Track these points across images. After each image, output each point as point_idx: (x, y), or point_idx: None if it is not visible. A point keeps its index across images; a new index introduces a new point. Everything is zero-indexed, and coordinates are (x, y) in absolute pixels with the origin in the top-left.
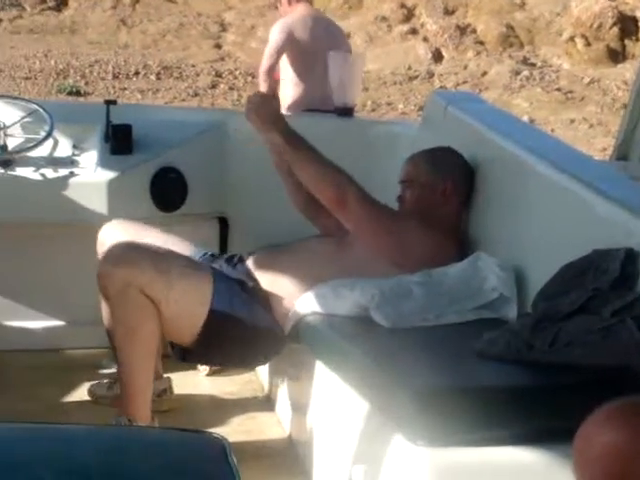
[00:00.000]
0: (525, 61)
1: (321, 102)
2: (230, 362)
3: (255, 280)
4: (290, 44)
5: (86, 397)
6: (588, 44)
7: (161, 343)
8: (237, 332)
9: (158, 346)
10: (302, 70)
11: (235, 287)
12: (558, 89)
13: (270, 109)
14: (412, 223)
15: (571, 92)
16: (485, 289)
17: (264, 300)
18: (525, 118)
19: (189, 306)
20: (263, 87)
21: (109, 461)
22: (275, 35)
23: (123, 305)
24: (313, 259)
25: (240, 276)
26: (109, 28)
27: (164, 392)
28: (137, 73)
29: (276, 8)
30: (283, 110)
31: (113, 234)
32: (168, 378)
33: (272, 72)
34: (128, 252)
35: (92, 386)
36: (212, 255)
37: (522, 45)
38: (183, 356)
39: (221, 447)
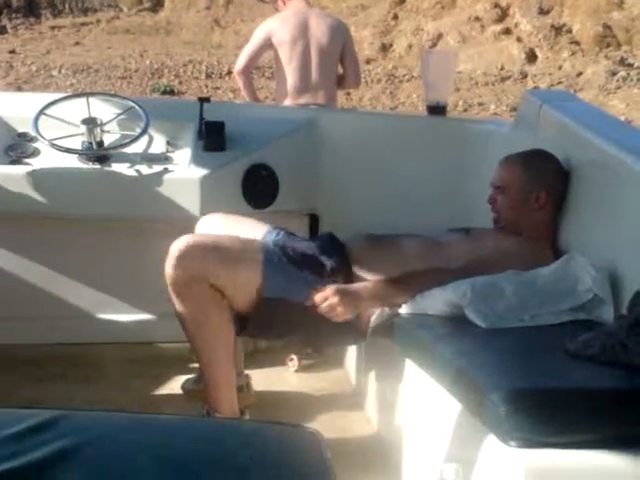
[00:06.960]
0: (622, 61)
1: (310, 95)
2: (292, 340)
3: (347, 266)
4: (269, 43)
5: (176, 390)
6: None
7: (240, 339)
8: (295, 315)
9: (234, 339)
10: (280, 65)
11: (293, 271)
12: None
13: (347, 298)
14: (506, 244)
15: None
16: (579, 290)
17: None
18: (621, 119)
19: (248, 293)
20: (240, 85)
21: (207, 451)
22: (254, 35)
23: (189, 299)
24: (411, 258)
25: (319, 255)
26: (203, 28)
27: (240, 389)
28: (229, 73)
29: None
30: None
31: (209, 227)
32: (247, 375)
33: (247, 71)
34: (191, 247)
35: (185, 381)
36: (288, 234)
37: (619, 45)
38: (241, 329)
39: (317, 441)
